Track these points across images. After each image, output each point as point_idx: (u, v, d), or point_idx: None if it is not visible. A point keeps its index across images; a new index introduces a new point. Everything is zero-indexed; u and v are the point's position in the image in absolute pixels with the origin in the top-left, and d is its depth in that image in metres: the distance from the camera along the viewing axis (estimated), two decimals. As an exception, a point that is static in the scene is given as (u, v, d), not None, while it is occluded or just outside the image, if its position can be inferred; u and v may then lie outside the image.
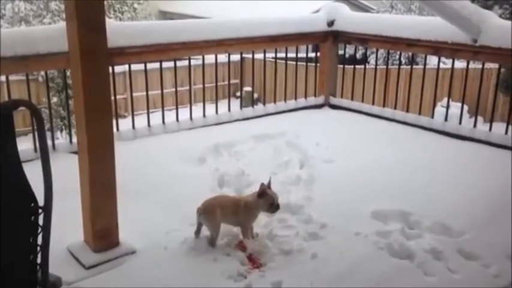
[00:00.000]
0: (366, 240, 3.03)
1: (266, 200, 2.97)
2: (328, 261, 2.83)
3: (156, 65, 4.86)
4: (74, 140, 3.66)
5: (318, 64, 5.97)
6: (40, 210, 1.68)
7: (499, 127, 4.80)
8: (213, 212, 2.93)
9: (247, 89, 11.60)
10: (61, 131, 11.58)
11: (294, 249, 2.92)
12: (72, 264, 2.79)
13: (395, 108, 5.47)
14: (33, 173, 1.83)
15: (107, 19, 2.87)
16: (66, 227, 2.86)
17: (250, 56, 5.72)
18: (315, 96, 5.96)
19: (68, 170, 2.96)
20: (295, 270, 2.75)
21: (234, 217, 3.00)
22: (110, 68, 4.18)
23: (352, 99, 5.87)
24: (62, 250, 2.86)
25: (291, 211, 3.35)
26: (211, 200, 3.05)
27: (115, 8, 14.47)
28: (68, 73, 3.79)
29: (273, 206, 3.00)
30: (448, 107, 5.29)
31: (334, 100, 5.91)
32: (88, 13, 2.57)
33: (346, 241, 3.04)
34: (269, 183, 3.05)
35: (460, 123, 5.00)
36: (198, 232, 3.00)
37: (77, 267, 2.76)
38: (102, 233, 2.85)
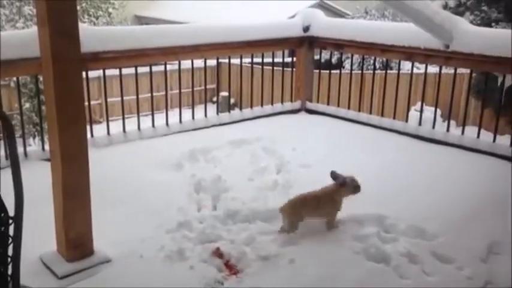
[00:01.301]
0: (342, 245, 3.05)
1: (349, 186, 3.25)
2: (305, 267, 2.83)
3: (132, 70, 4.80)
4: (47, 147, 3.59)
5: (294, 69, 6.01)
6: (10, 221, 1.64)
7: (471, 131, 4.90)
8: (293, 209, 3.18)
9: (224, 94, 11.62)
10: (34, 137, 11.34)
11: (271, 255, 2.92)
12: (44, 274, 2.73)
13: (370, 112, 5.53)
14: (4, 182, 1.79)
15: (80, 24, 2.83)
16: (39, 236, 2.80)
17: (226, 60, 5.71)
18: (292, 101, 5.99)
19: (40, 178, 2.90)
20: (272, 276, 2.75)
21: (318, 211, 3.24)
22: (84, 73, 4.12)
23: (328, 104, 5.92)
24: (35, 260, 2.80)
25: (268, 216, 3.35)
26: (295, 199, 3.24)
27: (89, 12, 14.27)
28: (41, 78, 3.71)
29: (356, 188, 3.26)
30: (421, 111, 5.37)
31: (310, 105, 5.95)
32: (60, 18, 2.52)
33: (323, 246, 3.05)
34: (334, 172, 3.32)
35: (433, 127, 5.08)
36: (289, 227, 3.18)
37: (50, 278, 2.70)
38: (76, 241, 2.80)
